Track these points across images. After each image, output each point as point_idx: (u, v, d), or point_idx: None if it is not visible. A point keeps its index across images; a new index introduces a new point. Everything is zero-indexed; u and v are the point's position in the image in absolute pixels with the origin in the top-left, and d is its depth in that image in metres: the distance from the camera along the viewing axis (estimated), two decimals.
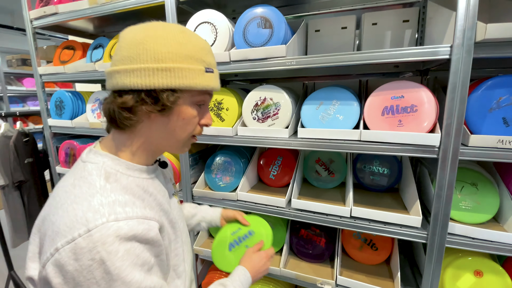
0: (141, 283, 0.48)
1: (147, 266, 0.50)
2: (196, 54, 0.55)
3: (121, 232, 0.46)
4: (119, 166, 0.56)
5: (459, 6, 0.80)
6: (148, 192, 0.58)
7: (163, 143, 0.60)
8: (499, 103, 0.88)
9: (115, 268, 0.45)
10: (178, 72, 0.52)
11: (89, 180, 0.52)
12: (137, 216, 0.50)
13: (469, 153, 0.87)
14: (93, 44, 1.62)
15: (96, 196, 0.49)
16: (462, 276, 1.02)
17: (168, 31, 0.53)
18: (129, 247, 0.47)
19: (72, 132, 1.68)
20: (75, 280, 0.44)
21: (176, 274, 0.64)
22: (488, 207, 1.00)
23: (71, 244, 0.44)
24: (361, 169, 1.38)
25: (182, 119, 0.57)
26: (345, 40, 1.35)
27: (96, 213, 0.47)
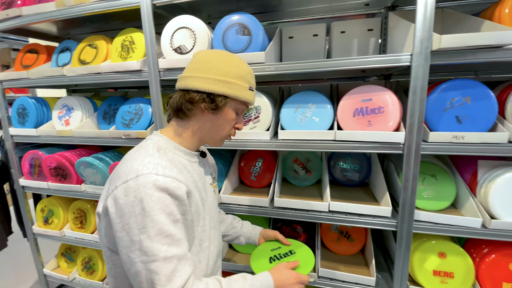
0: (165, 225, 0.62)
1: (173, 217, 0.64)
2: (245, 76, 0.76)
3: (157, 182, 0.62)
4: (169, 144, 0.75)
5: (417, 19, 0.91)
6: (186, 169, 0.75)
7: (207, 135, 0.79)
8: (452, 104, 1.01)
9: (148, 207, 0.60)
10: (232, 85, 0.73)
11: (146, 148, 0.71)
12: (171, 176, 0.65)
13: (429, 148, 0.99)
14: (59, 47, 1.53)
15: (147, 157, 0.67)
16: (429, 258, 1.14)
17: (231, 58, 0.75)
18: (161, 196, 0.62)
19: (37, 141, 1.57)
20: (122, 211, 0.62)
21: (201, 248, 0.78)
22: (446, 195, 1.13)
23: (125, 184, 0.63)
24: (335, 167, 1.47)
25: (225, 119, 0.76)
26: (316, 46, 1.44)
27: (144, 166, 0.65)
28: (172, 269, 0.62)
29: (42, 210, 1.80)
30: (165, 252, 0.61)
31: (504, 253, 1.06)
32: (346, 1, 1.34)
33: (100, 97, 1.80)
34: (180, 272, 0.63)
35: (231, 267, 1.37)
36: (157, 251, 0.60)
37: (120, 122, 1.40)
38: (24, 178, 1.68)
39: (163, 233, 0.61)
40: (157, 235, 0.61)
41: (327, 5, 1.40)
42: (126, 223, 0.61)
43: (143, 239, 0.60)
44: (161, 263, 0.60)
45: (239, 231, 1.07)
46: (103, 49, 1.38)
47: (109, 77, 1.32)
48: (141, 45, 1.28)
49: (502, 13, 0.94)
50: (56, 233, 1.72)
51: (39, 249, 1.88)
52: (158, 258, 0.60)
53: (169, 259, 0.61)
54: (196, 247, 0.77)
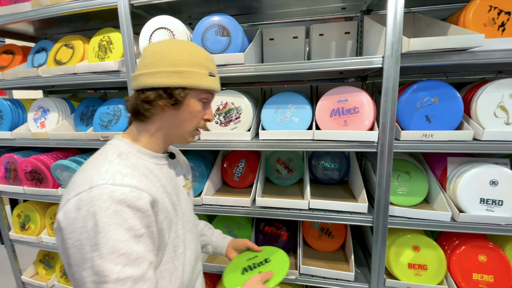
0: (120, 243, 0.55)
1: (134, 232, 0.58)
2: (202, 61, 0.70)
3: (114, 194, 0.56)
4: (131, 149, 0.69)
5: (388, 22, 0.95)
6: (153, 173, 0.70)
7: (173, 132, 0.73)
8: (422, 104, 1.06)
9: (102, 222, 0.54)
10: (188, 74, 0.67)
11: (104, 155, 0.66)
12: (131, 185, 0.60)
13: (401, 146, 1.03)
14: (35, 48, 1.49)
15: (104, 165, 0.62)
16: (404, 252, 1.19)
17: (181, 45, 0.70)
18: (119, 209, 0.56)
19: (12, 145, 1.52)
20: (74, 226, 0.55)
21: (176, 255, 0.74)
22: (419, 191, 1.18)
23: (77, 196, 0.57)
24: (315, 165, 1.51)
25: (189, 112, 0.71)
26: (296, 48, 1.47)
27: (100, 176, 0.59)
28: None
29: (19, 216, 1.73)
30: (118, 273, 0.55)
31: (473, 245, 1.12)
32: (324, 5, 1.38)
33: (78, 98, 1.75)
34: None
35: (214, 268, 1.37)
36: (108, 272, 0.54)
37: (98, 124, 1.37)
38: None
39: (116, 252, 0.55)
40: (110, 253, 0.54)
41: (306, 8, 1.43)
42: (78, 239, 0.55)
43: (95, 257, 0.54)
44: (112, 285, 0.54)
45: (208, 239, 1.02)
46: (80, 49, 1.35)
47: (86, 78, 1.30)
48: (119, 45, 1.27)
49: (466, 18, 0.99)
50: (34, 239, 1.66)
51: (17, 256, 1.82)
52: (109, 280, 0.54)
53: (122, 281, 0.55)
54: (170, 254, 0.73)
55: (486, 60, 0.92)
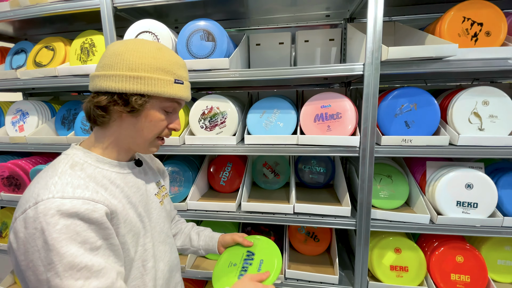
0: (76, 257, 0.51)
1: (89, 245, 0.54)
2: (168, 67, 0.65)
3: (62, 208, 0.52)
4: (88, 158, 0.65)
5: (368, 31, 0.98)
6: (114, 184, 0.65)
7: (132, 141, 0.68)
8: (401, 110, 1.10)
9: (51, 238, 0.50)
10: (148, 80, 0.62)
11: (55, 166, 0.61)
12: (83, 197, 0.55)
13: (382, 150, 1.06)
14: (14, 49, 1.44)
15: (53, 178, 0.57)
16: (386, 254, 1.21)
17: (145, 47, 0.64)
18: (70, 223, 0.52)
19: None
20: (25, 246, 0.51)
21: (145, 270, 0.69)
22: (401, 194, 1.22)
23: (24, 214, 0.53)
24: (301, 169, 1.52)
25: (149, 121, 0.66)
26: (282, 54, 1.49)
27: (46, 190, 0.54)
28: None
29: None
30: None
31: (451, 247, 1.16)
32: (309, 12, 1.41)
33: (60, 101, 1.70)
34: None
35: (200, 275, 1.35)
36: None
37: (79, 128, 1.34)
38: None
39: (75, 267, 0.51)
40: (67, 270, 0.50)
41: (292, 14, 1.46)
42: (30, 260, 0.51)
43: (50, 277, 0.50)
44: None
45: (197, 245, 0.97)
46: (61, 51, 1.32)
47: (67, 81, 1.26)
48: (102, 48, 1.25)
49: (442, 28, 1.04)
50: None
51: None
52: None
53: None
54: (139, 270, 0.68)
55: (460, 68, 0.97)
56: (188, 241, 0.98)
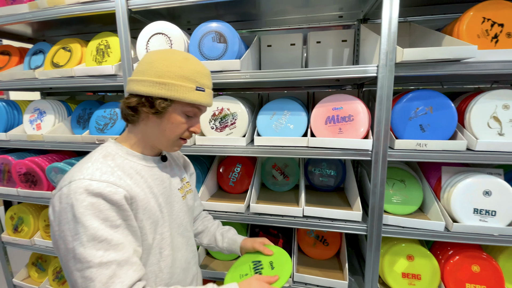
0: (98, 230, 0.59)
1: (110, 223, 0.61)
2: (191, 75, 0.71)
3: (90, 187, 0.60)
4: (119, 150, 0.74)
5: (382, 32, 0.96)
6: (139, 174, 0.73)
7: (156, 139, 0.76)
8: (416, 113, 1.07)
9: (78, 212, 0.58)
10: (171, 87, 0.69)
11: (92, 155, 0.71)
12: (108, 181, 0.64)
13: (395, 154, 1.04)
14: (32, 50, 1.49)
15: (87, 163, 0.67)
16: (398, 261, 1.18)
17: (174, 56, 0.71)
18: (95, 201, 0.60)
19: (6, 146, 1.51)
20: (59, 218, 0.61)
21: (161, 256, 0.75)
22: (414, 200, 1.18)
23: (60, 191, 0.62)
24: (311, 172, 1.51)
25: (171, 123, 0.73)
26: (294, 55, 1.48)
27: (79, 172, 0.64)
28: (110, 274, 0.58)
29: (12, 218, 1.72)
30: (101, 258, 0.58)
31: (467, 255, 1.11)
32: (321, 13, 1.40)
33: (76, 101, 1.75)
34: (120, 278, 0.59)
35: (208, 274, 1.36)
36: (91, 257, 0.57)
37: (94, 127, 1.37)
38: None
39: (97, 238, 0.58)
40: (90, 240, 0.58)
41: (304, 16, 1.45)
42: (62, 231, 0.60)
43: (76, 246, 0.58)
44: (96, 269, 0.57)
45: (221, 246, 1.01)
46: (78, 52, 1.36)
47: (83, 81, 1.30)
48: (116, 50, 1.27)
49: (460, 29, 1.00)
50: (26, 242, 1.65)
51: (8, 259, 1.80)
52: (92, 264, 0.57)
53: (105, 265, 0.58)
54: (156, 256, 0.74)
55: (480, 71, 0.93)
56: (214, 241, 1.03)
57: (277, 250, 0.95)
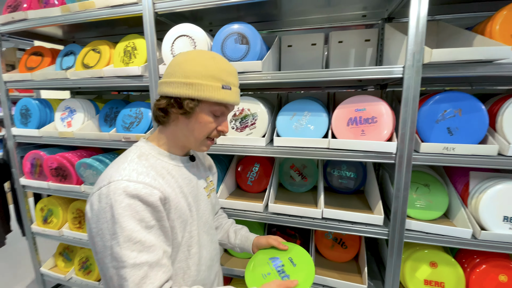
0: (134, 232, 0.61)
1: (145, 223, 0.64)
2: (217, 74, 0.71)
3: (128, 189, 0.63)
4: (152, 150, 0.76)
5: (410, 32, 0.94)
6: (171, 174, 0.75)
7: (185, 139, 0.77)
8: (444, 115, 1.03)
9: (117, 213, 0.61)
10: (198, 87, 0.69)
11: (127, 155, 0.73)
12: (144, 182, 0.66)
13: (420, 158, 1.01)
14: (64, 51, 1.58)
15: (124, 164, 0.69)
16: (420, 267, 1.15)
17: (200, 56, 0.72)
18: (132, 202, 0.62)
19: (39, 142, 1.61)
20: (97, 217, 0.63)
21: (190, 254, 0.78)
22: (439, 205, 1.14)
23: (99, 190, 0.64)
24: (330, 173, 1.49)
25: (199, 123, 0.74)
26: (315, 55, 1.47)
27: (117, 173, 0.66)
28: (142, 275, 0.61)
29: (42, 210, 1.82)
30: (134, 259, 0.60)
31: (494, 264, 1.07)
32: (344, 12, 1.38)
33: (103, 100, 1.83)
34: (151, 279, 0.62)
35: (226, 271, 1.38)
36: (125, 257, 0.60)
37: (120, 125, 1.43)
38: (24, 178, 1.71)
39: (131, 240, 0.61)
40: (126, 241, 0.60)
41: (326, 15, 1.43)
42: (100, 229, 0.62)
43: (113, 245, 0.61)
44: (130, 269, 0.60)
45: (233, 242, 1.02)
46: (106, 54, 1.42)
47: (111, 81, 1.36)
48: (143, 51, 1.32)
49: (493, 29, 0.96)
50: (55, 233, 1.74)
51: (37, 248, 1.90)
52: (127, 265, 0.60)
53: (138, 266, 0.61)
54: (184, 253, 0.76)
55: None
56: (226, 237, 1.04)
57: (293, 247, 0.94)
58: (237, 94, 0.77)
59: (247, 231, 1.06)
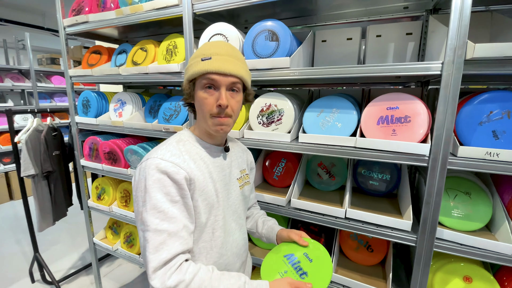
0: (159, 202, 0.71)
1: (170, 197, 0.73)
2: (199, 52, 0.79)
3: (159, 165, 0.73)
4: (190, 138, 0.86)
5: (451, 25, 0.86)
6: (203, 160, 0.83)
7: (202, 122, 0.85)
8: (489, 117, 0.93)
9: (148, 184, 0.72)
10: (188, 68, 0.80)
11: (168, 139, 0.85)
12: (173, 162, 0.75)
13: (457, 163, 0.92)
14: (118, 50, 1.78)
15: (163, 145, 0.80)
16: (452, 280, 1.06)
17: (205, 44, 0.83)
18: (161, 177, 0.72)
19: (96, 129, 1.85)
20: (136, 185, 0.75)
21: (213, 236, 0.84)
22: (480, 216, 1.04)
23: (140, 165, 0.77)
24: (361, 174, 1.44)
25: (198, 101, 0.81)
26: (350, 50, 1.42)
27: (155, 152, 0.77)
28: (161, 241, 0.69)
29: (97, 188, 2.10)
30: (156, 225, 0.69)
31: None
32: (384, 5, 1.30)
33: (149, 94, 2.02)
34: (168, 246, 0.69)
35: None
36: (149, 222, 0.70)
37: (161, 117, 1.58)
38: (84, 159, 1.99)
39: (156, 208, 0.70)
40: (151, 209, 0.70)
41: (364, 8, 1.37)
42: (136, 196, 0.74)
43: (143, 210, 0.71)
44: (152, 233, 0.69)
45: (260, 232, 1.07)
46: (152, 52, 1.57)
47: (155, 77, 1.50)
48: (182, 50, 1.43)
49: None
50: (106, 209, 2.00)
51: (92, 221, 2.19)
52: (149, 229, 0.69)
53: (159, 232, 0.69)
54: (208, 235, 0.82)
55: None
56: (255, 226, 1.10)
57: (314, 244, 0.94)
58: (221, 62, 0.75)
59: (275, 223, 1.08)
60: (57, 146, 2.23)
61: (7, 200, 4.19)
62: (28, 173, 2.05)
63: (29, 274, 2.41)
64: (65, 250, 2.88)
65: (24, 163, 2.04)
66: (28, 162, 2.04)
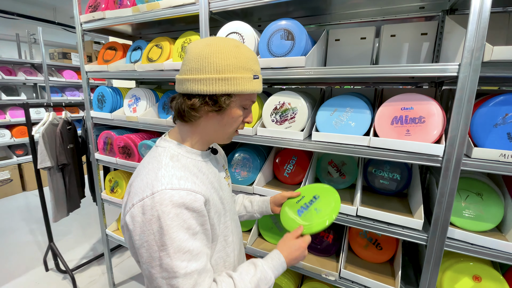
0: (183, 242, 0.62)
1: (192, 230, 0.64)
2: (247, 64, 0.70)
3: (173, 198, 0.62)
4: (181, 150, 0.74)
5: (469, 27, 0.86)
6: (202, 171, 0.75)
7: (215, 135, 0.77)
8: (505, 119, 0.93)
9: (166, 225, 0.60)
10: (234, 81, 0.67)
11: (158, 159, 0.70)
12: (186, 188, 0.64)
13: (471, 164, 0.93)
14: (132, 46, 1.81)
15: (161, 170, 0.67)
16: (461, 279, 1.08)
17: (226, 47, 0.68)
18: (179, 212, 0.62)
19: (111, 124, 1.90)
20: (142, 229, 0.62)
21: (227, 243, 0.81)
22: (491, 217, 1.04)
23: (141, 202, 0.63)
24: (371, 173, 1.45)
25: (231, 118, 0.74)
26: (363, 50, 1.42)
27: (158, 181, 0.64)
28: (193, 284, 0.62)
29: (110, 181, 2.16)
30: (185, 269, 0.61)
31: None
32: (399, 4, 1.30)
33: (162, 90, 2.06)
34: (200, 285, 0.63)
35: (259, 253, 1.48)
36: (177, 268, 0.60)
37: None
38: (98, 153, 2.04)
39: (181, 250, 0.61)
40: (176, 252, 0.60)
41: (379, 8, 1.37)
42: (145, 241, 0.62)
43: (163, 256, 0.60)
44: (182, 279, 0.61)
45: (251, 210, 1.07)
46: (167, 49, 1.60)
47: (170, 74, 1.53)
48: None
49: None
50: (119, 201, 2.05)
51: (105, 213, 2.24)
52: (178, 275, 0.61)
53: (189, 275, 0.62)
54: (222, 243, 0.79)
55: None
56: (243, 209, 1.09)
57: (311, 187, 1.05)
58: (261, 82, 0.77)
59: (260, 197, 1.13)
60: (72, 140, 2.28)
61: (20, 191, 4.31)
62: (44, 165, 2.11)
63: (43, 262, 2.49)
64: (77, 240, 2.97)
65: (41, 155, 2.10)
66: (44, 155, 2.11)
